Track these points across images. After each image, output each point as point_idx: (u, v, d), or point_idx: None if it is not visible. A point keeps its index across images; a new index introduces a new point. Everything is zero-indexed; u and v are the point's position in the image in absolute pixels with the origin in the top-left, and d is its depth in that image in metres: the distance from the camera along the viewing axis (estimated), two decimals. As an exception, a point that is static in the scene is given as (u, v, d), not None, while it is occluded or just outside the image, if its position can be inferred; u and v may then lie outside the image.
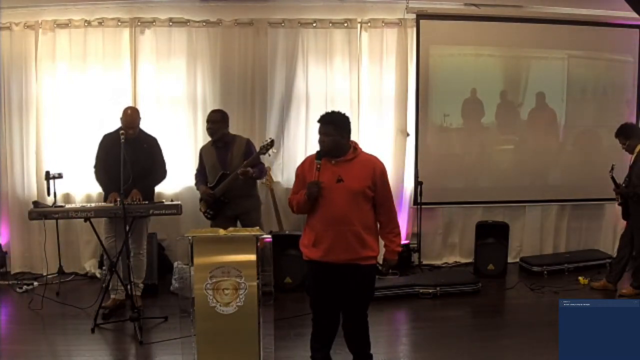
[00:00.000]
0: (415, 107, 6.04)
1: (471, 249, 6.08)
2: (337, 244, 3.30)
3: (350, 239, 3.30)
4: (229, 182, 4.76)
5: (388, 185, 3.46)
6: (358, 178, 3.32)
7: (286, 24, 5.85)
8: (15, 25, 5.65)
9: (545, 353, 3.91)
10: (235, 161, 4.81)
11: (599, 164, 5.75)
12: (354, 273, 3.35)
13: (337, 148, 3.35)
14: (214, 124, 4.83)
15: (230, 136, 4.95)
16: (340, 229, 3.29)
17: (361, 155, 3.41)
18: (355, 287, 3.40)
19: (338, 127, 3.34)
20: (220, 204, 4.85)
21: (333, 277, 3.37)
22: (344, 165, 3.35)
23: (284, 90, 5.91)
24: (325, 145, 3.35)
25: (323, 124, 3.36)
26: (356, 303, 3.46)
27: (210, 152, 4.92)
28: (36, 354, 4.00)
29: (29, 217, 4.38)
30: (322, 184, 3.30)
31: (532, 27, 6.09)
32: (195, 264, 3.44)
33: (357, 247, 3.32)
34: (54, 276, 5.52)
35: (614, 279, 5.29)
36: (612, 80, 6.37)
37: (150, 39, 5.77)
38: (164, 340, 4.19)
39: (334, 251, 3.32)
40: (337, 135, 3.33)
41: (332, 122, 3.35)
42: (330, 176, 3.33)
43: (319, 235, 3.35)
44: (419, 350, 4.29)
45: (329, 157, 3.36)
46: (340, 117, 3.40)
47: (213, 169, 4.88)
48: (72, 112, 5.72)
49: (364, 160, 3.39)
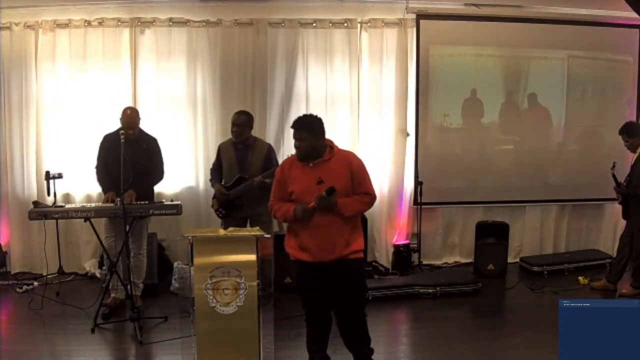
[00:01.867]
0: (415, 107, 6.04)
1: (471, 249, 6.08)
2: (323, 245, 3.35)
3: (335, 238, 3.35)
4: (244, 187, 4.75)
5: (365, 175, 3.46)
6: (337, 177, 3.36)
7: (286, 24, 5.85)
8: (15, 25, 5.65)
9: (545, 353, 3.91)
10: (254, 165, 4.80)
11: (599, 164, 5.76)
12: (341, 269, 3.39)
13: (313, 151, 3.38)
14: (240, 127, 4.79)
15: (252, 139, 4.92)
16: (325, 230, 3.34)
17: (337, 153, 3.45)
18: (344, 282, 3.43)
19: (312, 131, 3.37)
20: (234, 206, 4.84)
21: (322, 275, 3.40)
22: (322, 166, 3.39)
23: (284, 90, 5.91)
24: (301, 150, 3.39)
25: (297, 130, 3.39)
26: (348, 299, 3.48)
27: (230, 152, 4.90)
28: (36, 354, 4.00)
29: (29, 217, 4.38)
30: (314, 211, 3.31)
31: (532, 27, 6.09)
32: (195, 264, 3.44)
33: (343, 245, 3.37)
34: (54, 276, 5.52)
35: (614, 279, 5.29)
36: (612, 80, 6.37)
37: (150, 39, 5.77)
38: (164, 340, 4.19)
39: (321, 252, 3.35)
40: (312, 138, 3.36)
41: (305, 126, 3.38)
42: (310, 179, 3.37)
43: (304, 239, 3.39)
44: (419, 350, 4.29)
45: (306, 160, 3.40)
46: (312, 120, 3.43)
47: (230, 169, 4.87)
48: (72, 112, 5.72)
49: (340, 158, 3.43)
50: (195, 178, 5.91)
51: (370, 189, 3.47)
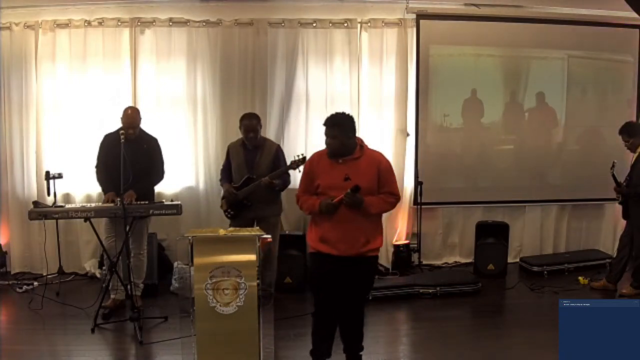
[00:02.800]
0: (415, 107, 6.04)
1: (471, 249, 6.08)
2: (344, 240, 3.41)
3: (356, 235, 3.41)
4: (252, 188, 4.75)
5: (391, 176, 3.55)
6: (364, 175, 3.42)
7: (286, 24, 5.85)
8: (15, 25, 5.65)
9: (545, 353, 3.91)
10: (263, 166, 4.80)
11: (599, 164, 5.75)
12: (358, 266, 3.45)
13: (343, 149, 3.45)
14: (255, 133, 4.79)
15: (261, 139, 4.93)
16: (347, 226, 3.39)
17: (367, 152, 3.52)
18: (358, 279, 3.49)
19: (343, 129, 3.44)
20: (242, 206, 4.84)
21: (338, 269, 3.45)
22: (351, 164, 3.45)
23: (284, 90, 5.90)
24: (332, 147, 3.46)
25: (328, 127, 3.47)
26: (357, 295, 3.55)
27: (239, 152, 4.90)
28: (36, 354, 4.00)
29: (29, 217, 4.38)
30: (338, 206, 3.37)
31: (532, 27, 6.09)
32: (195, 264, 3.44)
33: (363, 242, 3.43)
34: (54, 276, 5.51)
35: (614, 279, 5.29)
36: (612, 80, 6.38)
37: (150, 39, 5.77)
38: (164, 340, 4.19)
39: (341, 246, 3.42)
40: (343, 136, 3.44)
41: (337, 124, 3.46)
42: (338, 175, 3.44)
43: (326, 232, 3.45)
44: (419, 350, 4.29)
45: (336, 157, 3.46)
46: (344, 118, 3.50)
47: (239, 169, 4.87)
48: (72, 112, 5.72)
49: (369, 158, 3.50)
50: (195, 178, 5.91)
51: (396, 190, 3.54)
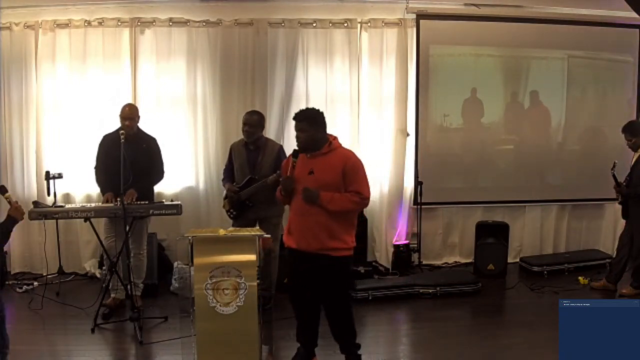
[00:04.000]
0: (415, 107, 6.04)
1: (471, 249, 6.08)
2: (305, 232, 3.46)
3: (316, 228, 3.43)
4: (255, 188, 4.74)
5: (359, 175, 3.49)
6: (329, 172, 3.45)
7: (286, 24, 5.85)
8: (15, 25, 5.64)
9: (545, 353, 3.92)
10: (265, 166, 4.78)
11: (599, 164, 5.76)
12: (324, 264, 3.45)
13: (312, 143, 3.50)
14: (251, 127, 4.76)
15: (263, 139, 4.91)
16: (307, 218, 3.44)
17: (337, 150, 3.54)
18: (326, 278, 3.50)
19: (312, 123, 3.49)
20: (245, 207, 4.83)
21: (306, 265, 3.48)
22: (318, 159, 3.50)
23: (284, 90, 5.91)
24: (300, 140, 3.51)
25: (297, 121, 3.52)
26: (330, 294, 3.56)
27: (241, 152, 4.89)
28: (36, 354, 4.00)
29: (29, 217, 4.36)
30: (294, 178, 3.48)
31: (532, 27, 6.09)
32: (195, 264, 3.45)
33: (324, 237, 3.43)
34: (54, 276, 5.51)
35: (614, 279, 5.29)
36: (612, 80, 6.38)
37: (150, 39, 5.77)
38: (164, 340, 4.18)
39: (303, 239, 3.47)
40: (312, 130, 3.48)
41: (306, 118, 3.51)
42: (303, 169, 3.51)
43: (292, 224, 3.56)
44: (419, 350, 4.29)
45: (306, 152, 3.51)
46: (313, 113, 3.55)
47: (241, 170, 4.86)
48: (72, 112, 5.72)
49: (338, 155, 3.53)
50: (195, 178, 5.91)
51: (362, 189, 3.49)
